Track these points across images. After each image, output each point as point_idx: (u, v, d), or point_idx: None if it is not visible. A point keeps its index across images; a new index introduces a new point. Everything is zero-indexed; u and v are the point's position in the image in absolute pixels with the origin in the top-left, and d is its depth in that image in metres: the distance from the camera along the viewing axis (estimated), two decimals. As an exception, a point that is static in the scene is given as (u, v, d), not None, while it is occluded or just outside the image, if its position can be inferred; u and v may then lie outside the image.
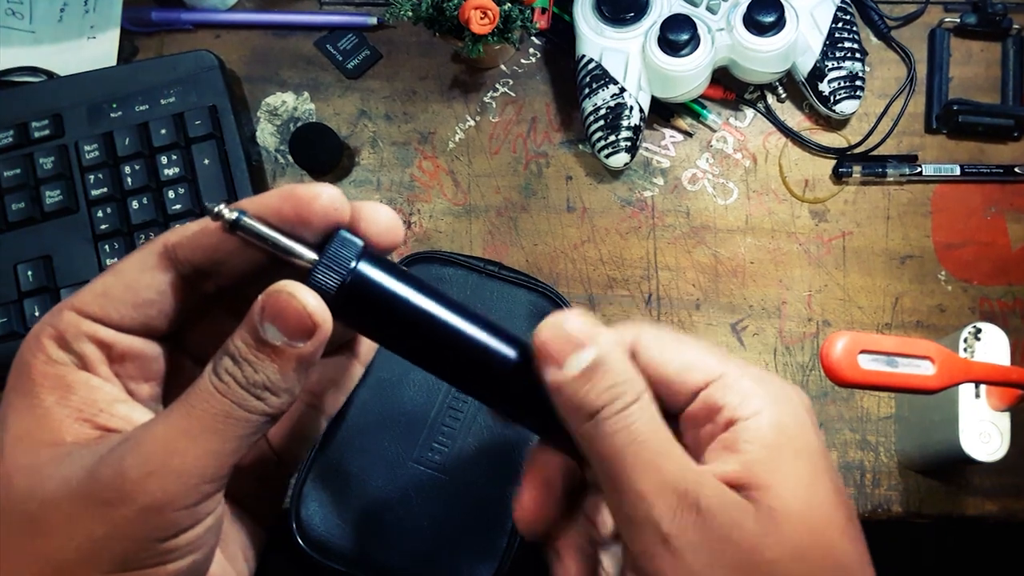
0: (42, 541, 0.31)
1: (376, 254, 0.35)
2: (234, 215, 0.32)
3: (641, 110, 0.75)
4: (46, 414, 0.32)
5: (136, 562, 0.31)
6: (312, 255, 0.33)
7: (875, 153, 0.78)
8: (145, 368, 0.35)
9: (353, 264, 0.34)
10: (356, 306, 0.34)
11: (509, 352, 0.36)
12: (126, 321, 0.34)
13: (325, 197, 0.33)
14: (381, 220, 0.35)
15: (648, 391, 0.35)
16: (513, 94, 0.81)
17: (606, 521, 0.39)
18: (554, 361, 0.34)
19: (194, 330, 0.37)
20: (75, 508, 0.31)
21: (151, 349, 0.36)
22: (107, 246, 0.73)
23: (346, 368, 0.41)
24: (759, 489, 0.34)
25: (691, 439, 0.37)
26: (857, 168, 0.76)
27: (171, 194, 0.74)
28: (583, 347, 0.34)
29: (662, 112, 0.79)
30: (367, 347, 0.41)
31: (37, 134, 0.75)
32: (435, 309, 0.35)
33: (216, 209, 0.32)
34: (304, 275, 0.33)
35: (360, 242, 0.34)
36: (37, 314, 0.71)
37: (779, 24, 0.73)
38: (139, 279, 0.34)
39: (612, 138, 0.74)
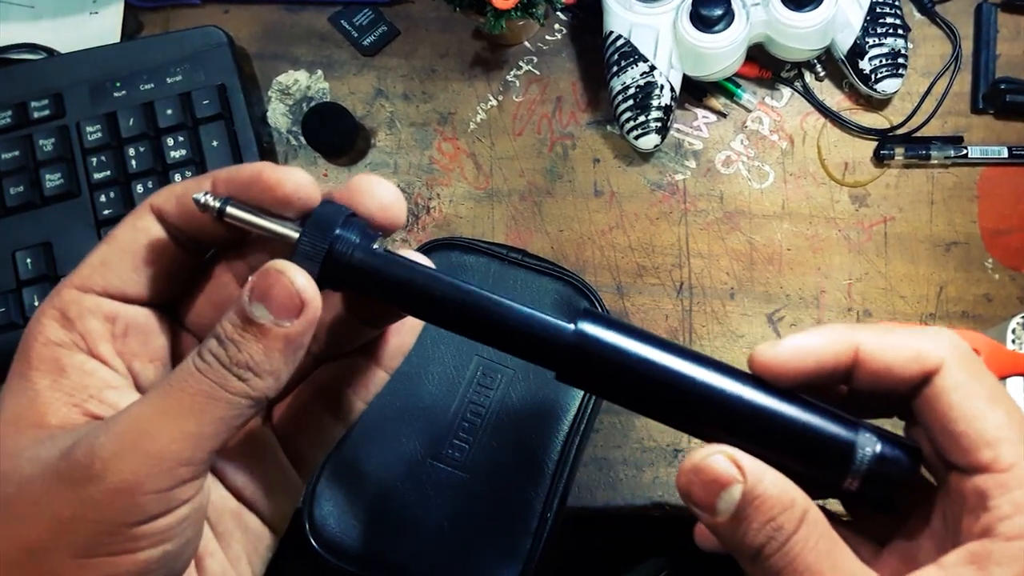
0: (14, 525, 0.30)
1: (359, 222, 0.34)
2: (218, 204, 0.33)
3: (672, 89, 0.73)
4: (36, 397, 0.32)
5: (103, 547, 0.30)
6: (295, 233, 0.33)
7: (918, 134, 0.76)
8: (148, 344, 0.35)
9: (336, 231, 0.33)
10: (344, 276, 0.34)
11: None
12: (129, 287, 0.34)
13: (290, 184, 0.33)
14: (378, 194, 0.35)
15: (813, 510, 0.33)
16: (537, 72, 0.79)
17: None
18: (703, 509, 0.33)
19: (198, 303, 0.37)
20: (46, 489, 0.30)
21: (154, 322, 0.36)
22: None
23: (364, 372, 0.39)
24: None
25: (946, 513, 0.35)
26: (899, 150, 0.74)
27: (178, 178, 0.72)
28: (727, 485, 0.32)
29: (694, 91, 0.77)
30: (391, 354, 0.40)
31: (37, 114, 0.73)
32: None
33: (202, 200, 0.33)
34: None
35: (345, 210, 0.34)
36: (36, 303, 0.69)
37: (818, -2, 0.71)
38: (135, 240, 0.34)
39: (642, 118, 0.72)
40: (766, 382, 0.35)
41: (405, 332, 0.39)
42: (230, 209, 0.33)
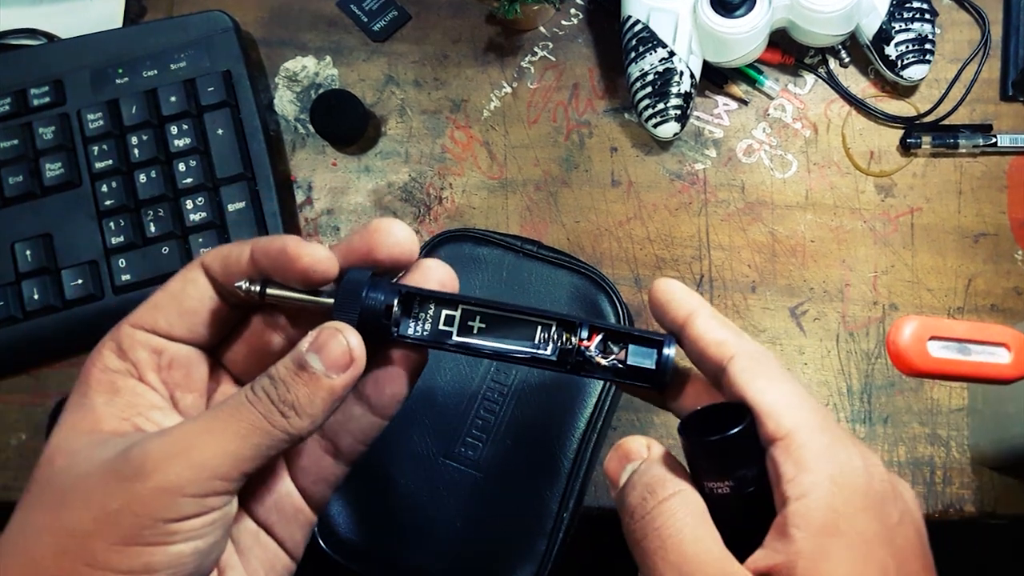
0: (65, 512, 0.36)
1: (382, 281, 0.41)
2: (257, 288, 0.40)
3: (692, 76, 0.71)
4: (93, 410, 0.39)
5: (141, 537, 0.35)
6: (329, 301, 0.40)
7: (946, 122, 0.75)
8: (190, 377, 0.42)
9: (364, 292, 0.39)
10: (376, 331, 0.40)
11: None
12: (175, 329, 0.41)
13: (306, 259, 0.39)
14: (393, 235, 0.40)
15: (688, 491, 0.37)
16: (553, 58, 0.78)
17: None
18: (613, 482, 0.40)
19: (236, 347, 0.44)
20: (99, 483, 0.36)
21: (196, 359, 0.42)
22: (112, 223, 0.70)
23: (361, 420, 0.44)
24: None
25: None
26: (927, 138, 0.73)
27: (181, 167, 0.71)
28: (630, 462, 0.40)
29: (715, 78, 0.76)
30: (386, 403, 0.44)
31: (36, 102, 0.73)
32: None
33: (244, 287, 0.40)
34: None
35: (366, 274, 0.40)
36: (36, 296, 0.68)
37: (843, -19, 0.70)
38: (183, 291, 0.41)
39: (660, 106, 0.71)
40: None
41: (399, 382, 0.43)
42: (270, 291, 0.40)
